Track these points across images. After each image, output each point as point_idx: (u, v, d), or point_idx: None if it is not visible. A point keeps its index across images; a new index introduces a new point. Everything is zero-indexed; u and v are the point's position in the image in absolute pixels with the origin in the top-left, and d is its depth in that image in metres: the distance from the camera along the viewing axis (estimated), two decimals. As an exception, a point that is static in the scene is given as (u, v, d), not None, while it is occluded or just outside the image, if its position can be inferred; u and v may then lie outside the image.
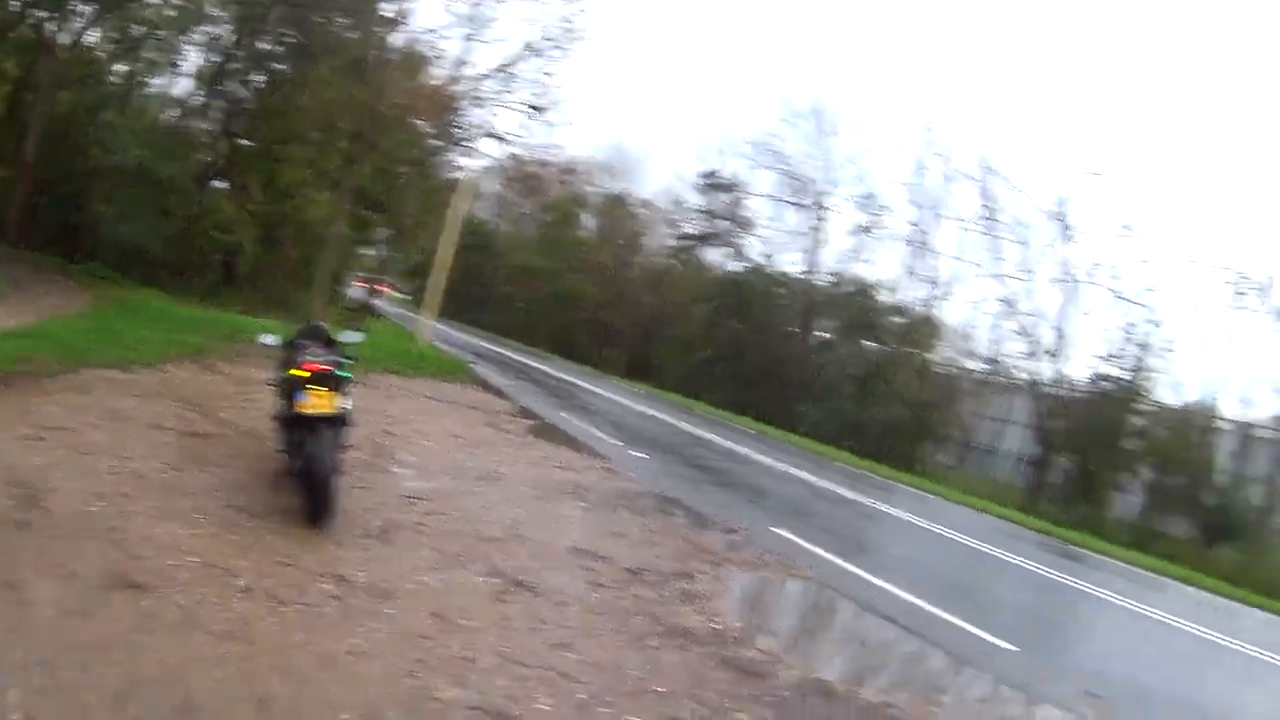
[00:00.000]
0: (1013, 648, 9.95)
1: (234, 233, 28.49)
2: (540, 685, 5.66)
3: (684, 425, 27.99)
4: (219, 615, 5.53)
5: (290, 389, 8.22)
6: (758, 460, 23.18)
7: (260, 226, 30.00)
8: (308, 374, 8.06)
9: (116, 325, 16.33)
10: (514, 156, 33.13)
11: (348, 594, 6.46)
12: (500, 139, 33.11)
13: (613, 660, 6.47)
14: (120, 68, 33.78)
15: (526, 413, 20.09)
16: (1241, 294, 35.45)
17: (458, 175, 40.57)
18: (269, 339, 9.82)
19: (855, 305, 48.36)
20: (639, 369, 53.34)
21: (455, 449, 13.40)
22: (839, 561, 12.15)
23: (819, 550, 12.50)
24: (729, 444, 25.43)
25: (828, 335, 50.72)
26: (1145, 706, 9.62)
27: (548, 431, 18.00)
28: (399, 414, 15.25)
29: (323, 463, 7.77)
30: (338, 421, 8.19)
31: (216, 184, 31.19)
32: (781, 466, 23.01)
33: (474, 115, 33.15)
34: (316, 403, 7.98)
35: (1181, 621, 15.29)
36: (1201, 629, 14.99)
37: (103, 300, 21.63)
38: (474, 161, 39.52)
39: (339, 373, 8.26)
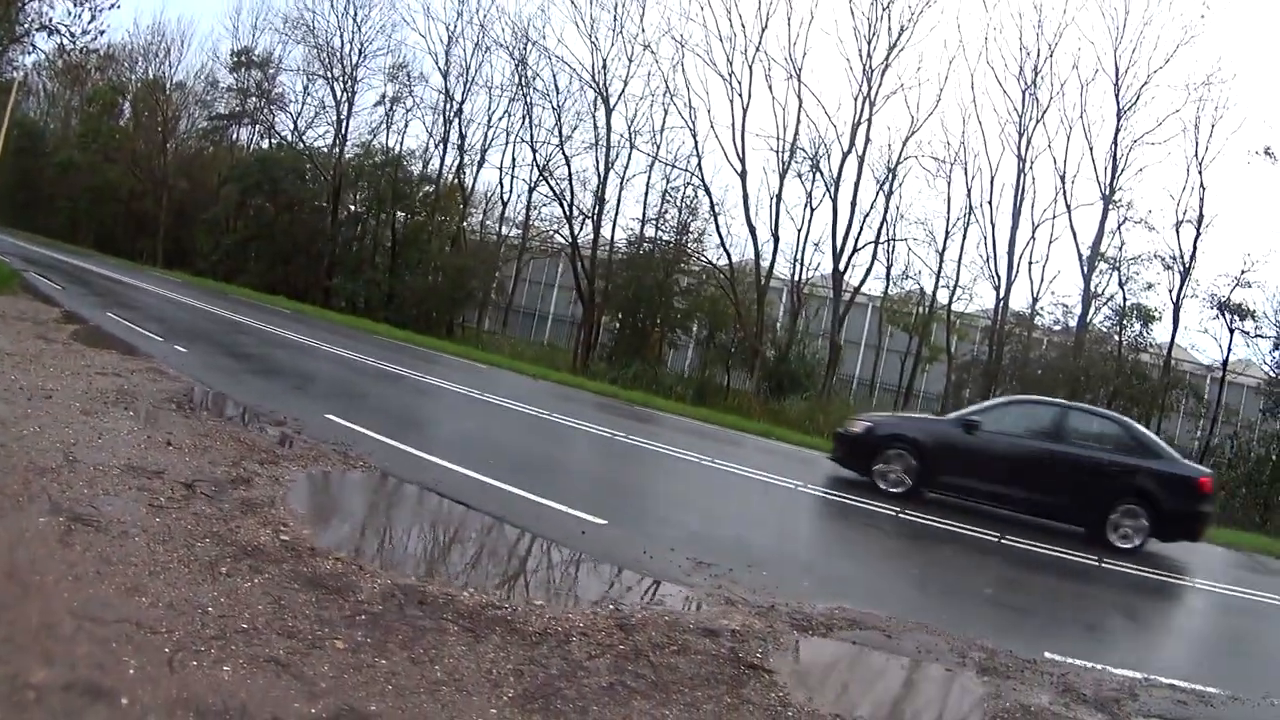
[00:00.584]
0: (602, 521, 10.13)
1: None
2: (123, 644, 5.08)
3: (221, 312, 28.66)
4: None
5: None
6: (297, 341, 24.22)
7: None
8: None
9: None
10: (61, 48, 31.77)
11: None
12: (53, 30, 31.70)
13: (188, 599, 5.91)
14: None
15: (73, 318, 20.32)
16: (783, 157, 38.98)
17: (11, 74, 38.97)
18: None
19: (384, 177, 49.16)
20: (176, 258, 52.81)
21: (6, 368, 12.94)
22: (399, 445, 12.46)
23: (376, 434, 12.75)
24: (267, 327, 26.36)
25: (358, 209, 51.77)
26: (760, 569, 9.56)
27: (93, 335, 18.26)
28: None
29: None
30: None
31: None
32: (322, 346, 24.09)
33: (31, 7, 31.70)
34: None
35: (767, 475, 16.49)
36: (786, 480, 16.37)
37: None
38: (25, 58, 38.24)
39: None
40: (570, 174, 43.11)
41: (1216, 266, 52.99)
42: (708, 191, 40.68)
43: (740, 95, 40.03)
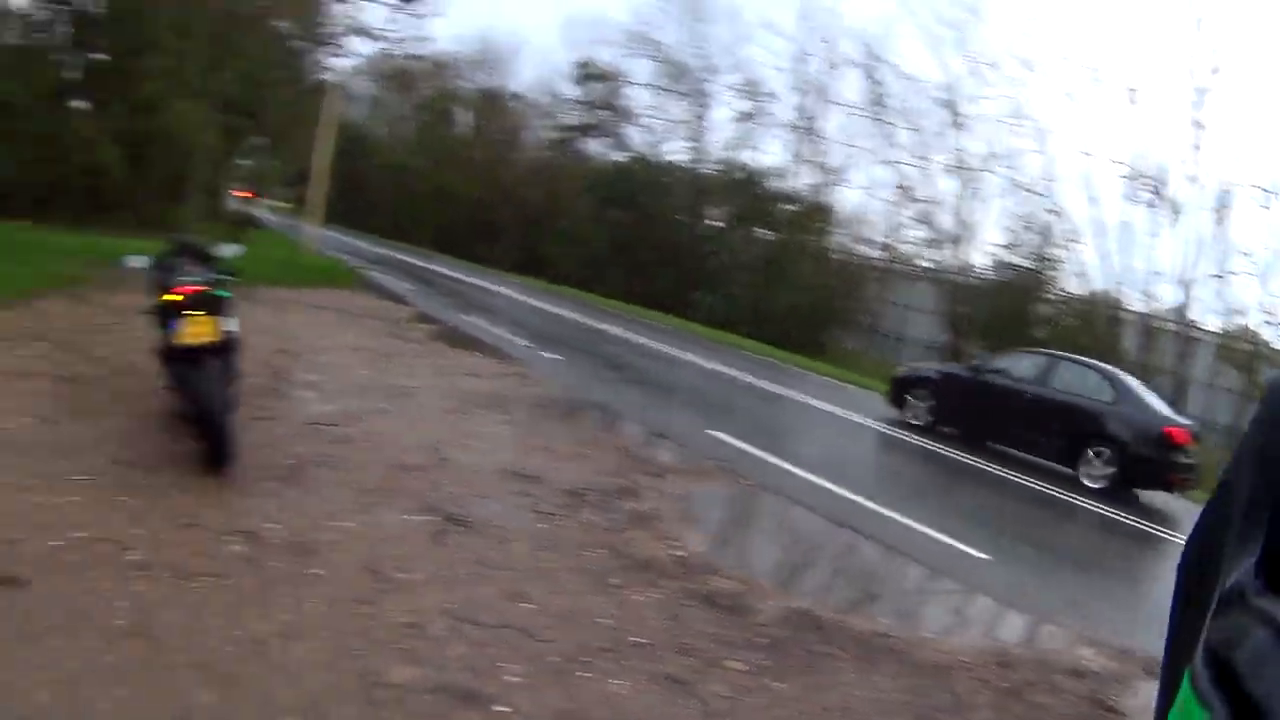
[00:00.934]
0: (986, 556, 9.37)
1: (96, 153, 26.71)
2: (503, 650, 4.87)
3: (586, 320, 27.17)
4: (114, 605, 4.53)
5: (165, 317, 7.13)
6: (666, 353, 22.58)
7: (125, 144, 28.12)
8: (181, 298, 7.02)
9: None
10: (385, 53, 31.55)
11: (263, 555, 5.55)
12: (369, 35, 31.70)
13: (577, 608, 5.70)
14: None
15: (427, 317, 19.26)
16: (1136, 187, 35.71)
17: (328, 77, 39.06)
18: (134, 261, 8.51)
19: (744, 192, 47.68)
20: (527, 264, 52.19)
21: (359, 363, 12.50)
22: (782, 463, 11.56)
23: (757, 451, 11.91)
24: (633, 337, 24.78)
25: (718, 223, 49.93)
26: (1105, 619, 8.39)
27: (453, 336, 17.21)
28: (293, 330, 14.27)
29: (213, 399, 6.79)
30: (224, 349, 7.18)
31: (76, 104, 29.12)
32: (691, 358, 22.42)
33: (338, 10, 31.65)
34: (195, 331, 6.96)
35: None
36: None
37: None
38: (344, 61, 38.20)
39: (216, 292, 7.25)
40: (933, 196, 41.63)
41: None
42: (1063, 218, 38.22)
43: (1091, 118, 37.78)
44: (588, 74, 55.67)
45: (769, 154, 51.24)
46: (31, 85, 26.80)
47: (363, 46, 32.40)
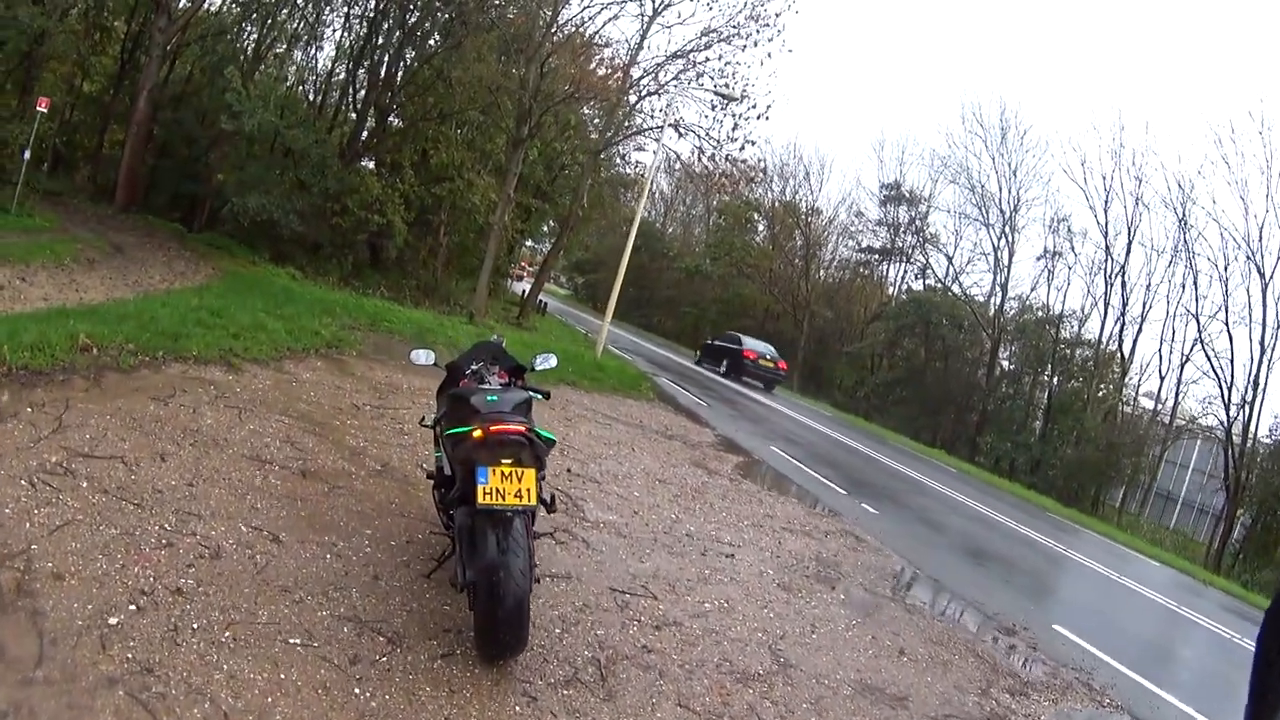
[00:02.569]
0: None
1: (383, 213, 26.10)
2: None
3: (885, 460, 24.36)
4: None
5: (462, 453, 5.18)
6: (977, 510, 19.64)
7: (411, 208, 27.74)
8: (490, 437, 5.06)
9: (230, 305, 13.30)
10: (699, 150, 29.76)
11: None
12: (681, 131, 30.17)
13: None
14: (250, 31, 32.35)
15: (729, 444, 16.74)
16: None
17: (630, 170, 38.99)
18: (423, 357, 6.88)
19: (1042, 335, 45.31)
20: (812, 383, 50.64)
21: (663, 500, 10.29)
22: (1139, 677, 9.44)
23: (1109, 658, 9.70)
24: (939, 486, 22.01)
25: (1011, 365, 47.93)
26: None
27: (761, 473, 14.79)
28: (584, 445, 12.19)
29: (512, 577, 4.91)
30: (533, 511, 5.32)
31: (364, 164, 29.05)
32: (1001, 519, 19.51)
33: (650, 104, 29.96)
34: (508, 489, 5.02)
35: None
36: None
37: (220, 274, 19.14)
38: (646, 156, 37.40)
39: (540, 434, 5.20)
40: (1233, 351, 38.23)
41: None
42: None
43: None
44: (892, 195, 54.28)
45: (1067, 295, 47.62)
46: (327, 141, 26.65)
47: (672, 143, 30.50)
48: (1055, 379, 44.64)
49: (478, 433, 5.03)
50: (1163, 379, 43.07)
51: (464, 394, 5.65)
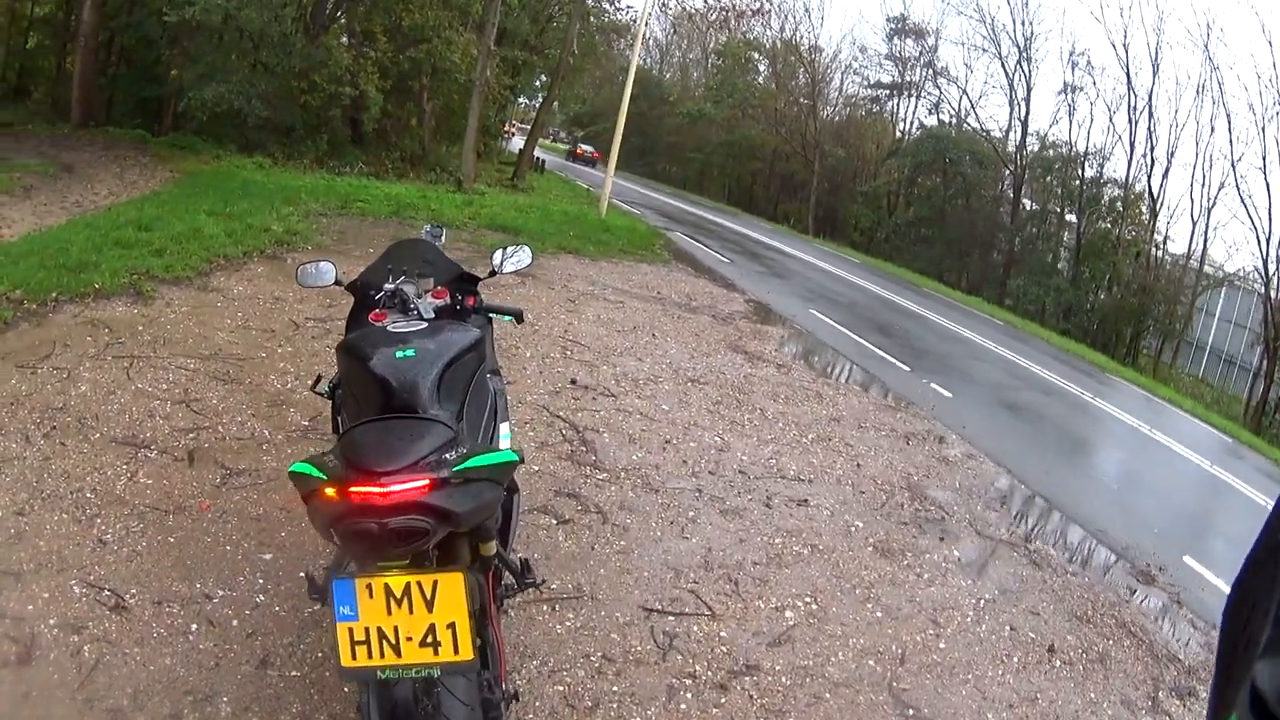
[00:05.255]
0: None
1: (355, 84, 23.60)
2: None
3: (935, 318, 21.48)
4: None
5: (318, 520, 2.66)
6: (1045, 378, 16.73)
7: (388, 76, 25.24)
8: (354, 511, 2.52)
9: (169, 213, 11.35)
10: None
11: None
12: None
13: None
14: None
15: (763, 311, 14.16)
16: None
17: (621, 15, 36.25)
18: (315, 273, 4.16)
19: (1066, 173, 42.52)
20: (826, 226, 48.53)
21: (700, 413, 7.80)
22: None
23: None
24: (996, 347, 19.34)
25: (1034, 205, 45.30)
26: None
27: (809, 351, 12.26)
28: (593, 338, 9.68)
29: None
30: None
31: (334, 38, 26.50)
32: (1065, 384, 16.67)
33: None
34: (407, 629, 2.55)
35: None
36: None
37: (176, 177, 16.74)
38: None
39: (477, 478, 2.70)
40: (1270, 199, 35.33)
41: None
42: None
43: None
44: (899, 28, 50.85)
45: (1090, 133, 45.10)
46: (285, 18, 24.02)
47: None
48: (1083, 220, 42.11)
49: (331, 491, 2.54)
50: (1194, 223, 40.50)
51: (358, 346, 3.28)
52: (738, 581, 5.04)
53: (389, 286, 3.82)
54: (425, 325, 3.46)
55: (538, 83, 38.13)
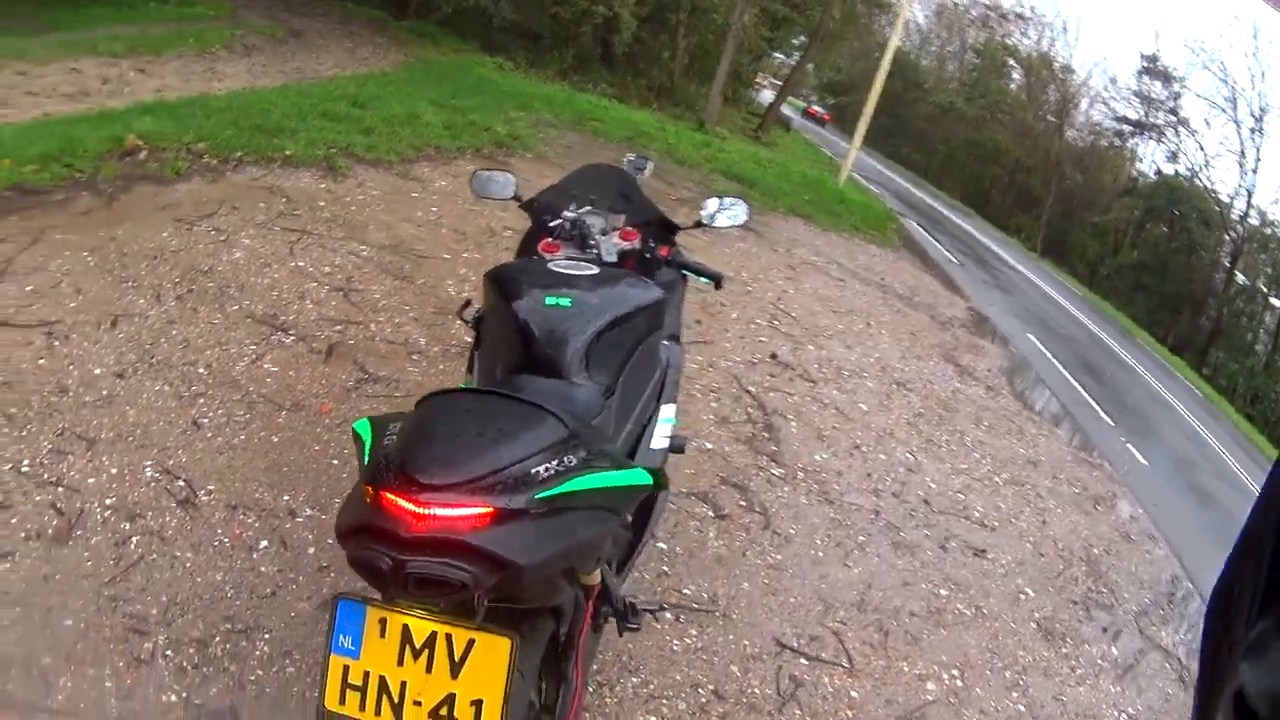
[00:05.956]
0: None
1: (609, 4, 23.22)
2: None
3: (1143, 372, 20.68)
4: None
5: (341, 522, 1.92)
6: (1245, 484, 15.32)
7: (644, 3, 24.88)
8: (373, 521, 1.79)
9: (390, 95, 11.12)
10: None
11: None
12: None
13: None
14: None
15: (982, 324, 13.27)
16: None
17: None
18: (493, 182, 3.62)
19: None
20: (1054, 248, 47.61)
21: (899, 422, 7.10)
22: None
23: None
24: (1203, 429, 18.26)
25: (1246, 280, 43.65)
26: None
27: (1020, 378, 11.36)
28: (806, 312, 9.08)
29: None
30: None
31: None
32: None
33: None
34: (416, 688, 1.89)
35: None
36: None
37: (408, 62, 16.64)
38: None
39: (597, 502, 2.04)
40: None
41: None
42: None
43: None
44: (1150, 68, 49.61)
45: None
46: None
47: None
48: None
49: (364, 484, 1.87)
50: None
51: (506, 279, 2.75)
52: (889, 633, 4.36)
53: (570, 214, 3.28)
54: (596, 271, 2.84)
55: (795, 41, 37.40)
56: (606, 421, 2.50)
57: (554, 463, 1.89)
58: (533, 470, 1.84)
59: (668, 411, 3.09)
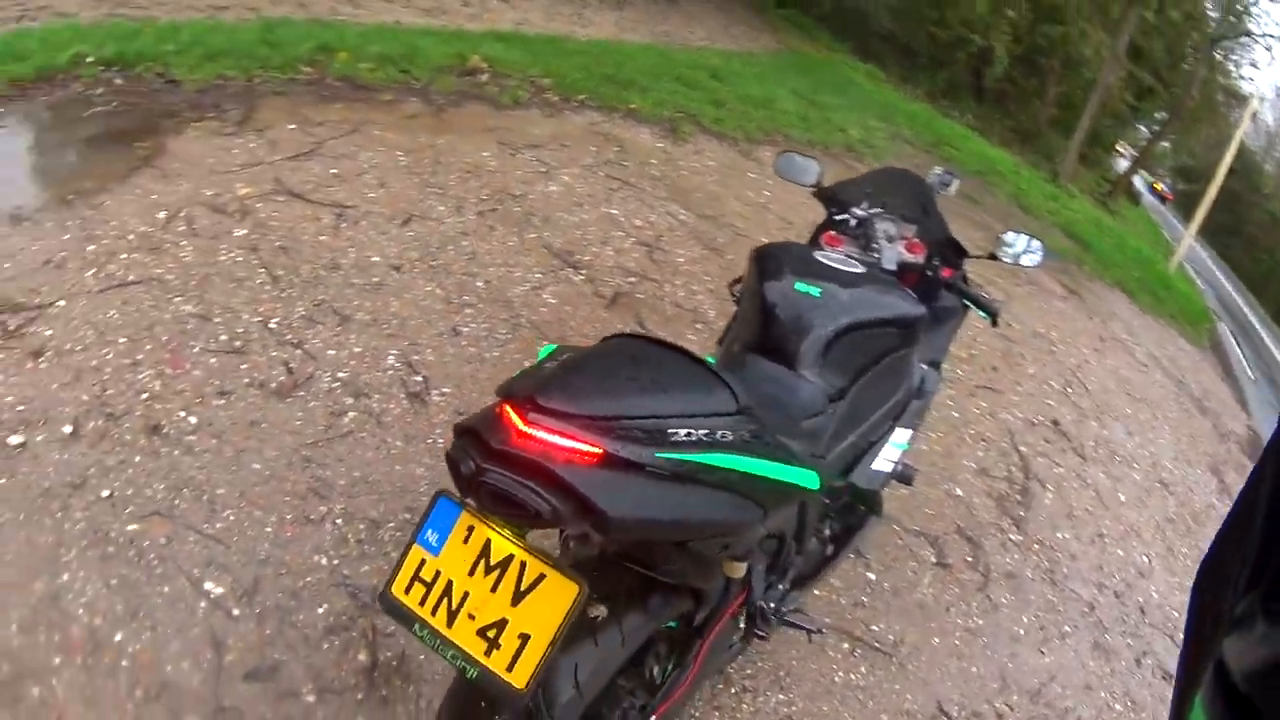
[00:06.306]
0: None
1: (985, 35, 23.11)
2: None
3: None
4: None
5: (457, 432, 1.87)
6: None
7: (1020, 42, 24.59)
8: (489, 428, 1.76)
9: (750, 74, 11.42)
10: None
11: None
12: None
13: None
14: None
15: (1257, 448, 11.77)
16: None
17: (1240, 78, 34.35)
18: (796, 166, 3.69)
19: None
20: None
21: (1148, 522, 6.72)
22: None
23: None
24: None
25: None
26: None
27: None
28: (1100, 388, 8.85)
29: None
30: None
31: None
32: None
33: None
34: (474, 607, 1.87)
35: None
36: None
37: (778, 48, 16.89)
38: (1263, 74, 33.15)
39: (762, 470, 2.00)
40: None
41: None
42: None
43: None
44: None
45: None
46: None
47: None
48: None
49: (498, 408, 1.79)
50: None
51: (765, 258, 2.82)
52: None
53: (859, 211, 3.36)
54: (861, 271, 2.83)
55: (1157, 114, 36.53)
56: (824, 426, 2.49)
57: (701, 431, 1.84)
58: (670, 430, 1.80)
59: (902, 436, 3.10)
